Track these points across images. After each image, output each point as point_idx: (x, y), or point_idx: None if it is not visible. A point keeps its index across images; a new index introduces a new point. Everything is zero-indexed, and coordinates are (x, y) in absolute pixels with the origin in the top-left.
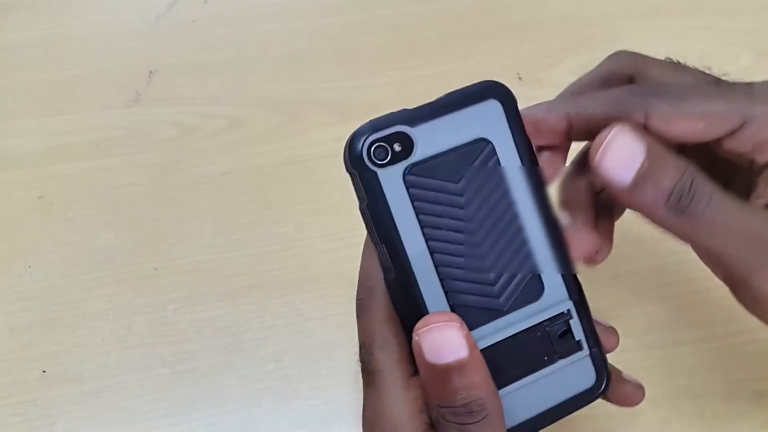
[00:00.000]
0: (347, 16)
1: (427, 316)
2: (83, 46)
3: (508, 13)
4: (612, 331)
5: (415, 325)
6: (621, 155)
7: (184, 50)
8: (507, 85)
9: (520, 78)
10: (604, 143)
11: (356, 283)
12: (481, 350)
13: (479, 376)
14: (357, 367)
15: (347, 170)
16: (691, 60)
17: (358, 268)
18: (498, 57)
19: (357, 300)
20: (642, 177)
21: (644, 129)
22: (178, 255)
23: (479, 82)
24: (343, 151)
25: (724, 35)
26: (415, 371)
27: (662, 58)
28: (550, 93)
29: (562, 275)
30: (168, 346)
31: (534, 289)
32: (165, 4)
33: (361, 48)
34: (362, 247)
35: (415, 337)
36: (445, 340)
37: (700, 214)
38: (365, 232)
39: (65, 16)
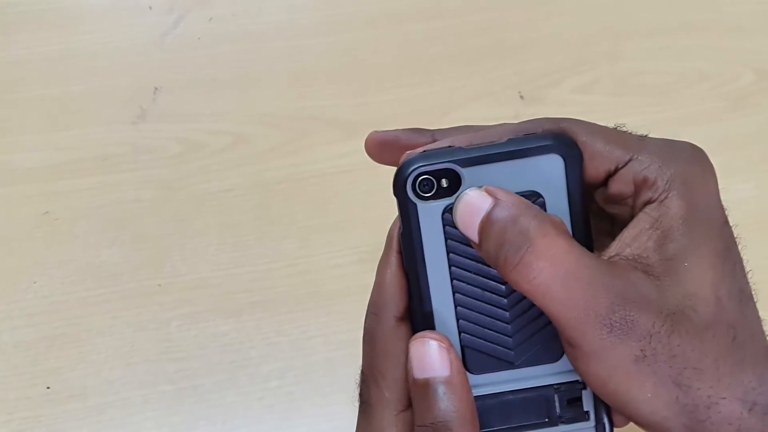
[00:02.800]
0: (352, 34)
1: (424, 332)
2: (89, 63)
3: (510, 31)
4: None
5: None
6: (467, 212)
7: (190, 67)
8: (575, 142)
9: (521, 96)
10: (458, 200)
11: (360, 300)
12: (480, 396)
13: (456, 402)
14: (355, 390)
15: (393, 194)
16: (692, 79)
17: (362, 286)
18: (500, 75)
19: (365, 325)
20: (482, 234)
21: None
22: (182, 271)
23: (547, 134)
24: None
25: (725, 54)
26: (409, 405)
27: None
28: (552, 111)
29: None
30: (172, 363)
31: (552, 350)
32: (170, 21)
33: (366, 65)
34: (365, 264)
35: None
36: (428, 355)
37: (526, 263)
38: (372, 251)
39: (72, 32)
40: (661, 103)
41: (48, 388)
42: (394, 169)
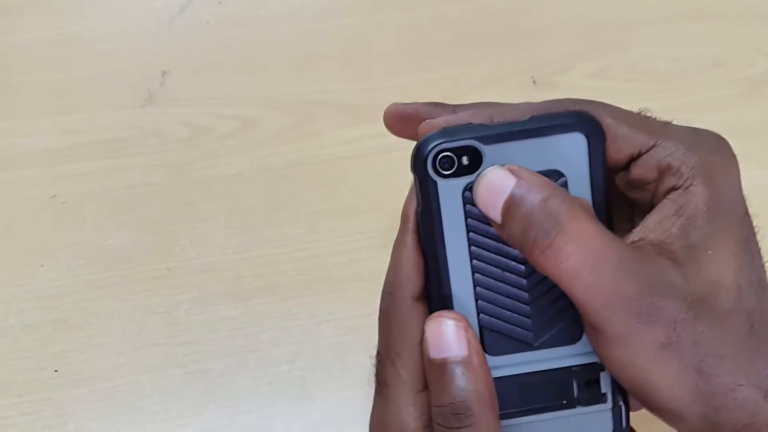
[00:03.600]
0: (361, 18)
1: (440, 311)
2: (96, 47)
3: (521, 17)
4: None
5: None
6: (489, 192)
7: (198, 51)
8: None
9: (534, 81)
10: (479, 179)
11: (370, 286)
12: (499, 378)
13: (475, 382)
14: (370, 371)
15: (411, 170)
16: (705, 65)
17: (372, 271)
18: (511, 60)
19: (380, 305)
20: (506, 215)
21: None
22: (191, 255)
23: (570, 112)
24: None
25: (738, 41)
26: (425, 387)
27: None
28: (564, 97)
29: None
30: (181, 347)
31: (572, 333)
32: (179, 5)
33: (374, 50)
34: (375, 250)
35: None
36: (445, 334)
37: (555, 247)
38: (382, 236)
39: (78, 16)
40: (673, 89)
41: (56, 371)
42: (404, 152)
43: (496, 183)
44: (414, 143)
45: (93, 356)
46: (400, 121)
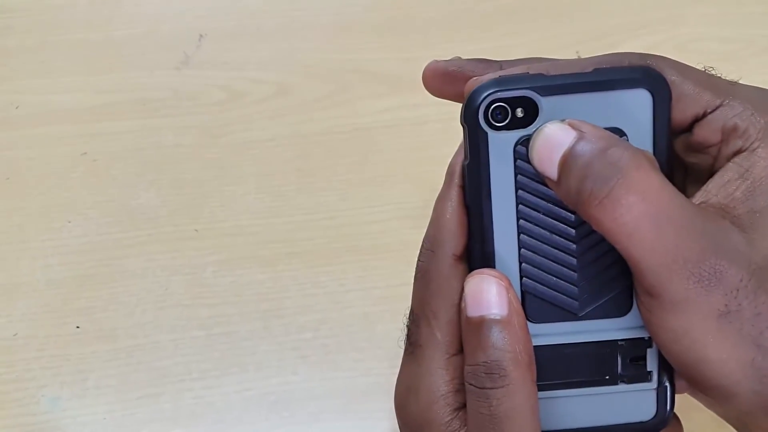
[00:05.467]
0: None
1: (482, 269)
2: (135, 8)
3: None
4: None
5: None
6: (546, 146)
7: (236, 15)
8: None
9: (578, 55)
10: (536, 134)
11: (399, 257)
12: (540, 346)
13: (511, 343)
14: (397, 343)
15: (460, 121)
16: (759, 46)
17: (402, 242)
18: (556, 34)
19: (418, 261)
20: (563, 170)
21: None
22: (220, 218)
23: (636, 67)
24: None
25: None
26: (459, 350)
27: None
28: None
29: None
30: (205, 309)
31: (620, 305)
32: None
33: (414, 20)
34: (406, 221)
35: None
36: (485, 291)
37: (615, 198)
38: (414, 207)
39: None
40: (725, 70)
41: (78, 327)
42: (440, 125)
43: (554, 137)
44: (455, 105)
45: (116, 314)
46: (442, 79)
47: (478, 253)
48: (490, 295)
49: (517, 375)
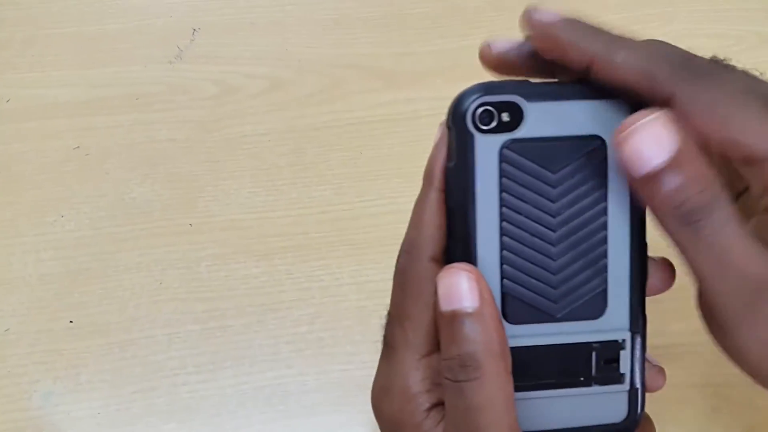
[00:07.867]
0: None
1: (454, 263)
2: (127, 1)
3: None
4: (660, 371)
5: None
6: (648, 142)
7: (229, 9)
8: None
9: None
10: (636, 124)
11: (393, 251)
12: (518, 348)
13: (484, 334)
14: (375, 344)
15: (446, 124)
16: (750, 42)
17: (396, 236)
18: None
19: (396, 264)
20: (663, 173)
21: (684, 122)
22: (214, 212)
23: None
24: (450, 104)
25: None
26: (433, 350)
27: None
28: None
29: (630, 304)
30: (200, 303)
31: (595, 307)
32: None
33: (409, 15)
34: (400, 215)
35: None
36: (457, 285)
37: (705, 237)
38: (408, 201)
39: None
40: None
41: (71, 322)
42: (433, 118)
43: (660, 137)
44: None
45: (109, 309)
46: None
47: (459, 253)
48: (461, 288)
49: (490, 366)
